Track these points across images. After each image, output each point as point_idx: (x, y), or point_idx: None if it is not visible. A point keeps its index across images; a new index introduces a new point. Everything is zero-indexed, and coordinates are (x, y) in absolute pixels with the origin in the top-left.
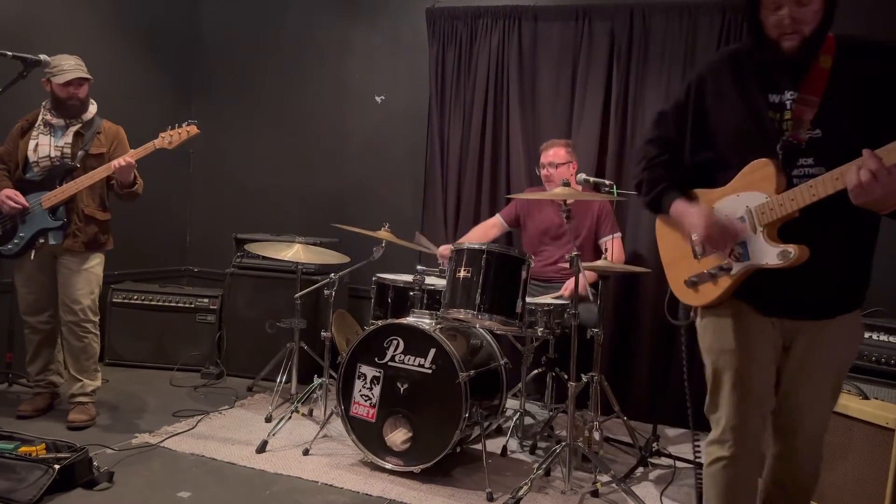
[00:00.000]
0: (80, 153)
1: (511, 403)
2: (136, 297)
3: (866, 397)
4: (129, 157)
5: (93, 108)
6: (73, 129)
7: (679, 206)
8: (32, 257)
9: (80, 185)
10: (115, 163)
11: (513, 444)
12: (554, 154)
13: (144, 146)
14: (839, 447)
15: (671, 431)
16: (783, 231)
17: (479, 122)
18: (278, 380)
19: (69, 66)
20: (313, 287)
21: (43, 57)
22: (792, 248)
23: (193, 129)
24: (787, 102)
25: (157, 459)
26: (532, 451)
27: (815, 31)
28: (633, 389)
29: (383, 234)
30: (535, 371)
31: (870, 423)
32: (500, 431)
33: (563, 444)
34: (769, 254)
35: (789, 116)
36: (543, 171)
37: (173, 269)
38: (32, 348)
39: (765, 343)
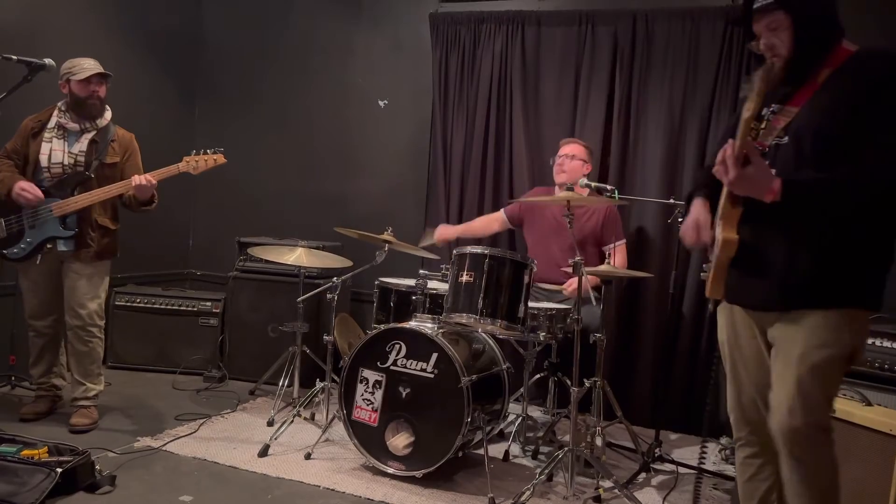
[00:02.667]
0: (95, 163)
1: (513, 408)
2: (138, 301)
3: (869, 403)
4: (151, 177)
5: (108, 115)
6: (89, 136)
7: (693, 204)
8: (38, 261)
9: (95, 198)
10: (136, 180)
11: (515, 448)
12: (573, 148)
13: (167, 168)
14: (841, 453)
15: (674, 436)
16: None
17: (483, 127)
18: (280, 384)
19: (89, 65)
20: (316, 291)
21: (48, 61)
22: (716, 237)
23: (221, 159)
24: (768, 114)
25: (160, 463)
26: (534, 456)
27: (792, 52)
28: (636, 394)
29: (386, 237)
30: (538, 375)
31: (872, 430)
32: (502, 436)
33: (566, 449)
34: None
35: (764, 126)
36: (558, 160)
37: (176, 272)
38: (36, 351)
39: (747, 334)
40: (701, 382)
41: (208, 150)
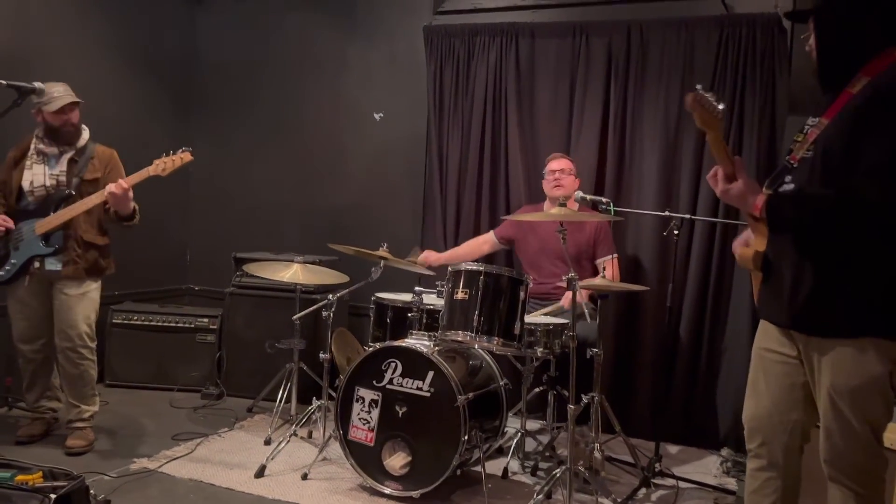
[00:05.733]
0: (76, 180)
1: (513, 422)
2: (135, 318)
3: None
4: (123, 183)
5: (85, 134)
6: (67, 156)
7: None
8: (27, 283)
9: (74, 212)
10: (109, 189)
11: (514, 465)
12: (565, 163)
13: (138, 173)
14: None
15: (675, 449)
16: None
17: (478, 139)
18: (278, 401)
19: (59, 93)
20: (311, 308)
21: (37, 84)
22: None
23: (187, 157)
24: (807, 127)
25: (155, 485)
26: (534, 473)
27: (818, 58)
28: (637, 407)
29: (381, 254)
30: (537, 389)
31: None
32: (501, 452)
33: (563, 467)
34: None
35: (801, 139)
36: (553, 178)
37: (174, 288)
38: (28, 377)
39: (776, 349)
40: (702, 395)
41: (175, 151)
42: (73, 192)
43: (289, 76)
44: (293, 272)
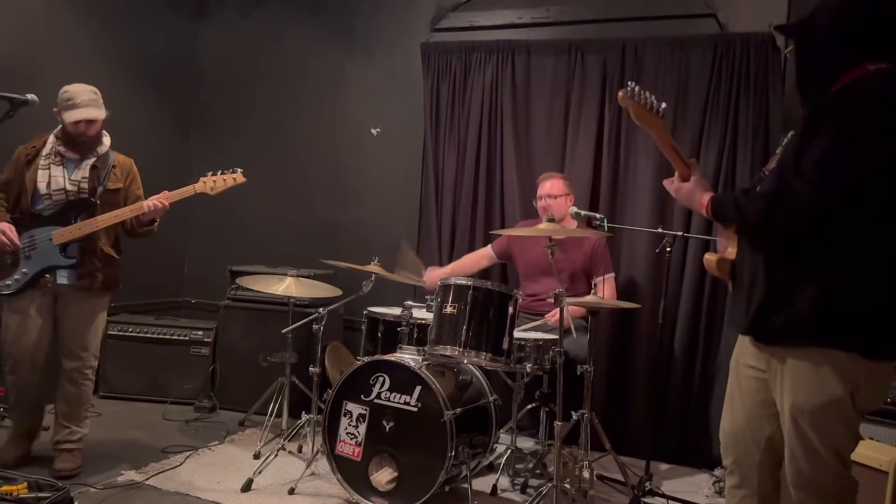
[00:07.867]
0: (100, 189)
1: (504, 439)
2: (130, 330)
3: (861, 437)
4: (164, 200)
5: (106, 141)
6: (90, 162)
7: None
8: (32, 297)
9: (103, 224)
10: (151, 203)
11: (504, 482)
12: (552, 186)
13: (182, 190)
14: None
15: (666, 468)
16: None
17: (474, 155)
18: (268, 414)
19: (82, 101)
20: (302, 322)
21: (30, 96)
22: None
23: (240, 178)
24: (785, 140)
25: (141, 499)
26: (523, 490)
27: (796, 72)
28: (630, 425)
29: (372, 268)
30: (529, 406)
31: (862, 465)
32: (491, 468)
33: (550, 484)
34: None
35: (779, 151)
36: (541, 203)
37: (171, 300)
38: (14, 396)
39: (747, 363)
40: (695, 413)
41: (226, 171)
42: (98, 202)
43: (288, 91)
44: (286, 285)
